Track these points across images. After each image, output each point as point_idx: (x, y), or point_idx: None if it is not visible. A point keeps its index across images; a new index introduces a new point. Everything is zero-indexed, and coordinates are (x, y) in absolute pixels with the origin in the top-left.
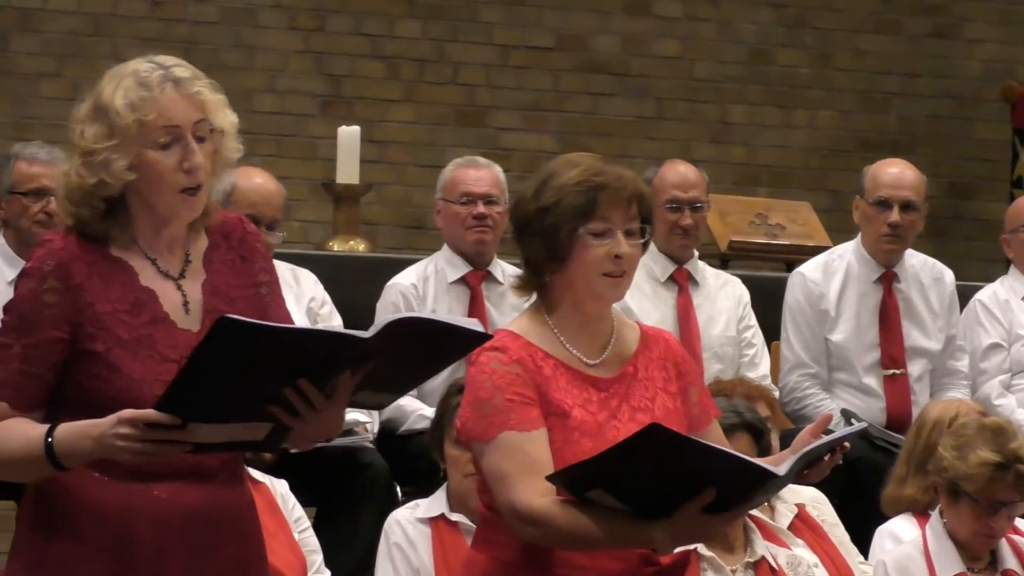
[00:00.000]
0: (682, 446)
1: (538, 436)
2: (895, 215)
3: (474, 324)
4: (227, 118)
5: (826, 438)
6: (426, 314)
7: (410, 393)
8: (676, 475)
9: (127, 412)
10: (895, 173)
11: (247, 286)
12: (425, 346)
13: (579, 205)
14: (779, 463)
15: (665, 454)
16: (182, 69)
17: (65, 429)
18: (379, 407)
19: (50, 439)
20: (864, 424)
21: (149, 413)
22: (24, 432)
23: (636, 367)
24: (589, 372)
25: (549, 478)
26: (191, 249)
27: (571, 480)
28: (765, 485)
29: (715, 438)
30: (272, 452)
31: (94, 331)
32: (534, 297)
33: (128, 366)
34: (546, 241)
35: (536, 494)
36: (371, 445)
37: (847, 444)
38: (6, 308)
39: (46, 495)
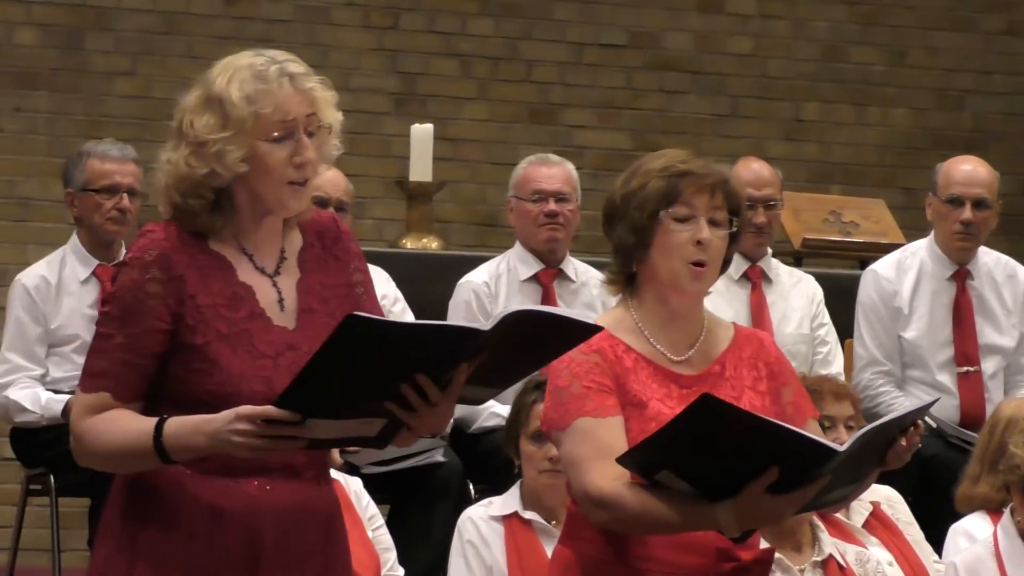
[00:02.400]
0: (735, 417)
1: (613, 423)
2: (967, 212)
3: (586, 316)
4: (334, 115)
5: (891, 415)
6: (541, 307)
7: None
8: (737, 452)
9: (245, 408)
10: (968, 170)
11: (341, 286)
12: (535, 339)
13: (661, 188)
14: None
15: (720, 426)
16: (296, 64)
17: (176, 423)
18: (480, 402)
19: (158, 433)
20: (935, 398)
21: (268, 409)
22: (129, 424)
23: (724, 366)
24: (672, 368)
25: (619, 460)
26: (286, 246)
27: (639, 461)
28: (831, 464)
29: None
30: (383, 447)
31: (194, 323)
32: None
33: (227, 360)
34: (630, 226)
35: (608, 478)
36: (442, 458)
37: (921, 424)
38: (107, 299)
39: (137, 486)
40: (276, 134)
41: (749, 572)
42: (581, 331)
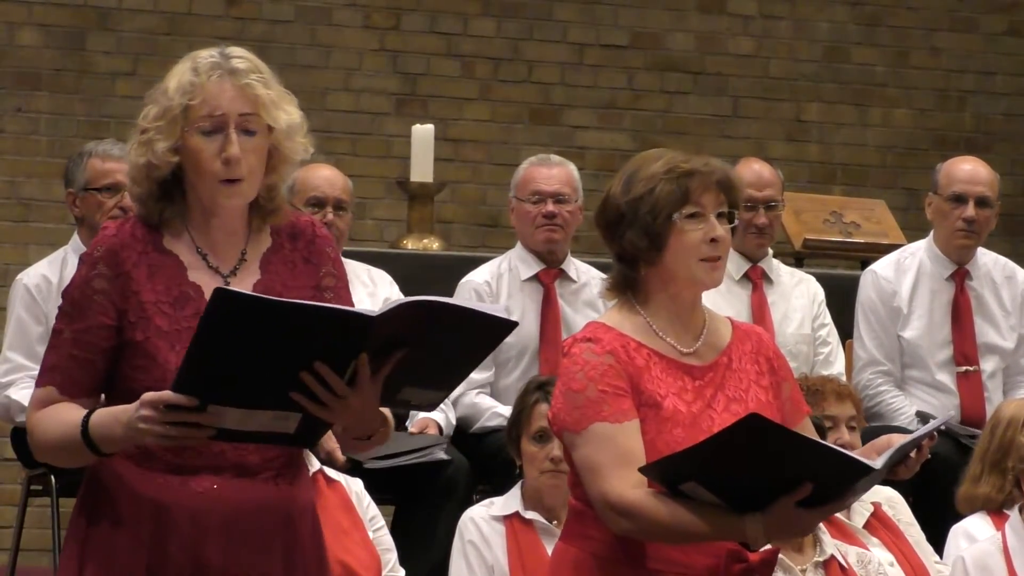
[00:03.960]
0: (782, 437)
1: (631, 427)
2: (970, 210)
3: (497, 310)
4: (284, 116)
5: (914, 434)
6: (442, 298)
7: (484, 391)
8: (772, 468)
9: (148, 395)
10: (970, 169)
11: (305, 288)
12: (454, 334)
13: (672, 192)
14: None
15: (763, 445)
16: (242, 61)
17: (99, 415)
18: (430, 406)
19: (85, 424)
20: (950, 415)
21: (166, 394)
22: (65, 417)
23: (730, 357)
24: (684, 360)
25: (642, 470)
26: (249, 248)
27: (664, 472)
28: (861, 481)
29: (807, 435)
30: (307, 447)
31: (136, 320)
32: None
33: (164, 356)
34: (643, 231)
35: (629, 486)
36: (444, 456)
37: (935, 435)
38: (62, 295)
39: (93, 481)
40: (204, 127)
41: (756, 572)
42: (498, 326)
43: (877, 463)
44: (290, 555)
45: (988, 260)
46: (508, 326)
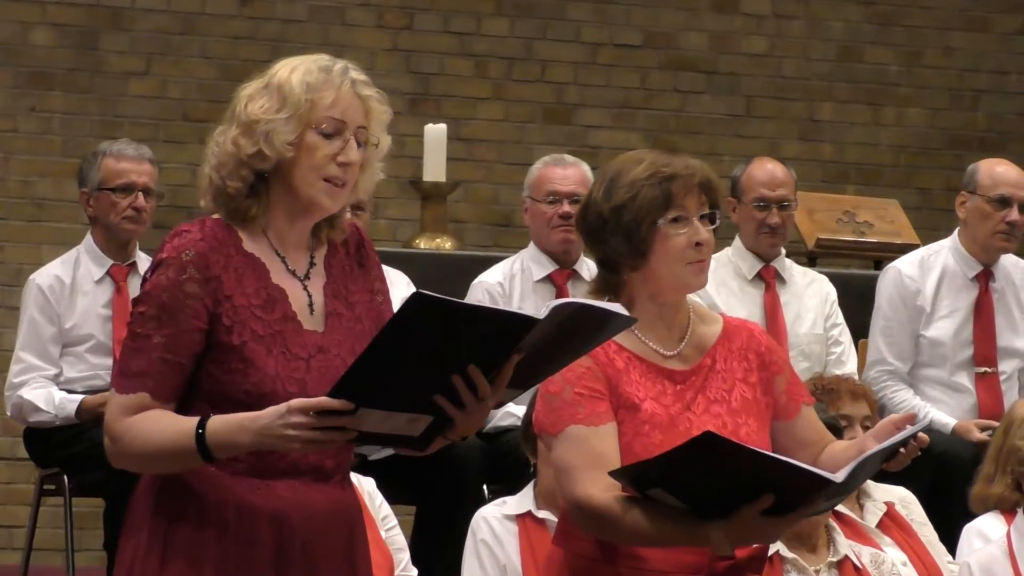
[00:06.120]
0: (736, 453)
1: (605, 431)
2: (1015, 213)
3: (621, 308)
4: (384, 138)
5: (885, 443)
6: (584, 300)
7: None
8: (733, 479)
9: (297, 401)
10: (1015, 172)
11: (364, 291)
12: (570, 337)
13: (655, 197)
14: (863, 444)
15: (720, 460)
16: (360, 74)
17: (219, 421)
18: (501, 404)
19: (201, 431)
20: (923, 424)
21: (323, 400)
22: (170, 424)
23: (715, 359)
24: (665, 364)
25: (612, 474)
26: (315, 253)
27: (632, 477)
28: (826, 490)
29: (804, 426)
30: (423, 451)
31: (230, 324)
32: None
33: (262, 360)
34: (627, 238)
35: (599, 489)
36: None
37: (925, 437)
38: (141, 299)
39: (166, 487)
40: (326, 128)
41: (743, 569)
42: (619, 324)
43: (838, 476)
44: (351, 556)
45: (1009, 263)
46: (627, 323)
